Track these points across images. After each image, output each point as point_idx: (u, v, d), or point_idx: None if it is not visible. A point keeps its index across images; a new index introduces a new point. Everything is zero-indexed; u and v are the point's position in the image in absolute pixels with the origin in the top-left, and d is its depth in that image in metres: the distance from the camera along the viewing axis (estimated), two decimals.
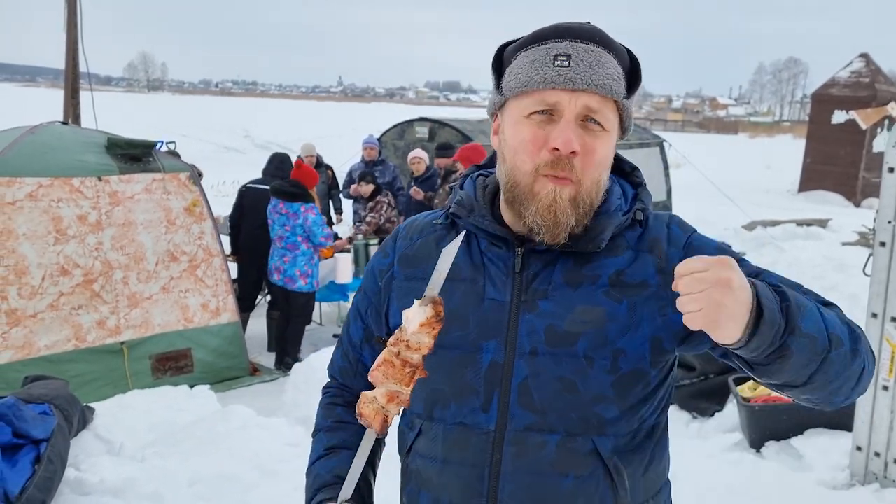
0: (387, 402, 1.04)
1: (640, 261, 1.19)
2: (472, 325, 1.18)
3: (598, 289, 1.16)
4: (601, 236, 1.18)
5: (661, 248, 1.20)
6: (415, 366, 1.03)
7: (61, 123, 5.86)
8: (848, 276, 7.46)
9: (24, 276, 4.65)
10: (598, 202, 1.19)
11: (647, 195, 1.28)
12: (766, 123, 69.77)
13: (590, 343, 1.14)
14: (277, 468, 3.62)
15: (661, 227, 1.23)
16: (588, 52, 1.12)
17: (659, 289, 1.17)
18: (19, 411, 3.22)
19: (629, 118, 1.20)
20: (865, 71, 18.12)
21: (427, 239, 1.30)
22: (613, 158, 1.26)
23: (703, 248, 1.20)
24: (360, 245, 6.89)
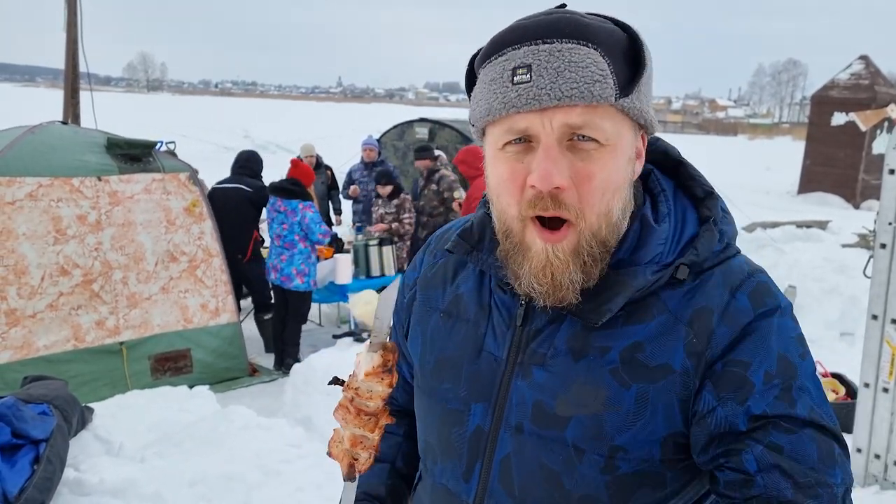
0: (351, 446, 0.95)
1: (671, 333, 0.91)
2: (464, 381, 1.02)
3: (605, 365, 0.92)
4: (608, 304, 0.92)
5: (705, 323, 0.90)
6: (373, 413, 0.93)
7: (61, 123, 5.86)
8: (848, 278, 7.46)
9: (24, 276, 4.64)
10: (615, 238, 0.93)
11: (709, 239, 0.95)
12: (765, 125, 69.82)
13: (581, 432, 0.92)
14: (279, 468, 3.61)
15: (721, 293, 0.92)
16: (552, 54, 0.86)
17: (686, 377, 0.90)
18: (18, 411, 3.21)
19: (643, 116, 0.92)
20: (865, 73, 18.14)
21: (447, 264, 1.12)
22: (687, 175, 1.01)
23: (765, 345, 0.89)
24: (359, 246, 6.88)
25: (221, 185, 6.28)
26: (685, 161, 1.03)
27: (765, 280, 0.95)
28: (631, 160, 0.93)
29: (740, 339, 0.90)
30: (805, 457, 0.86)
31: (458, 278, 1.09)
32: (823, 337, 6.33)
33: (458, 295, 1.08)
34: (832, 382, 4.72)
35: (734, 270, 0.94)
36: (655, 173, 1.01)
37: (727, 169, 22.60)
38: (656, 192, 0.99)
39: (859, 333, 5.89)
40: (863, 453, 3.83)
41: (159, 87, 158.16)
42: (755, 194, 18.51)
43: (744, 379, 0.88)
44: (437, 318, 1.08)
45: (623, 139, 0.91)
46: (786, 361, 0.89)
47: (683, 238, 0.95)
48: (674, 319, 0.92)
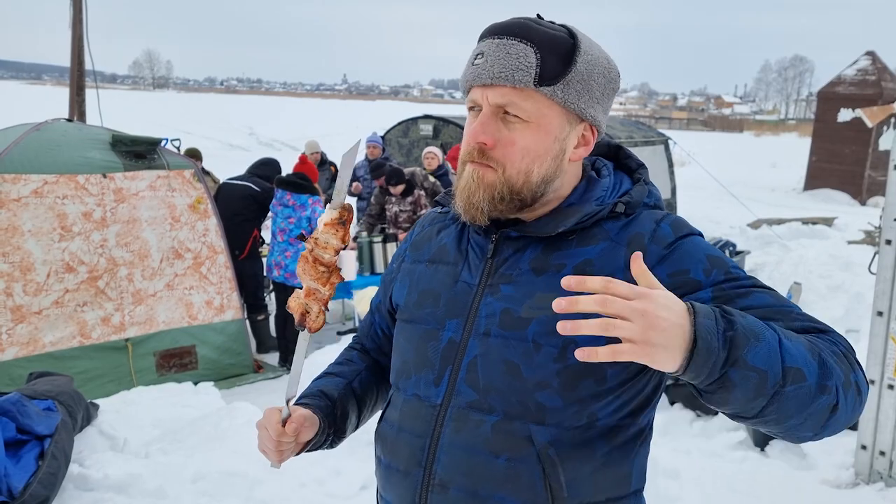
0: (305, 296, 1.14)
1: (613, 253, 1.16)
2: (442, 304, 1.24)
3: (560, 277, 1.09)
4: (562, 222, 1.18)
5: (640, 244, 1.15)
6: (327, 265, 1.10)
7: (66, 120, 5.88)
8: (853, 275, 7.43)
9: (30, 273, 4.66)
10: (536, 192, 1.18)
11: (641, 191, 1.24)
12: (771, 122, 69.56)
13: (540, 328, 1.14)
14: (283, 465, 3.62)
15: (650, 223, 1.18)
16: (500, 46, 1.14)
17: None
18: (24, 407, 3.22)
19: (574, 106, 1.16)
20: (871, 69, 18.04)
21: (434, 227, 1.37)
22: (624, 155, 1.31)
23: (693, 252, 1.15)
24: (364, 243, 6.88)
25: (232, 180, 6.32)
26: (621, 146, 1.33)
27: (682, 218, 1.22)
28: (558, 140, 1.17)
29: (668, 255, 1.15)
30: (763, 302, 1.09)
31: (441, 234, 1.34)
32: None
33: (442, 245, 1.32)
34: None
35: (656, 214, 1.21)
36: (600, 159, 1.32)
37: (733, 165, 22.51)
38: (599, 167, 1.30)
39: (865, 330, 5.87)
40: (867, 450, 3.82)
41: (165, 84, 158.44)
42: (761, 191, 18.45)
43: (690, 280, 1.12)
44: (423, 266, 1.32)
45: (546, 120, 1.15)
46: (714, 258, 1.15)
47: (621, 190, 1.25)
48: (614, 244, 1.17)
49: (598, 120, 1.21)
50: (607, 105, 1.22)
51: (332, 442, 1.36)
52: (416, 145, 9.11)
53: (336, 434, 1.36)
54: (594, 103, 1.19)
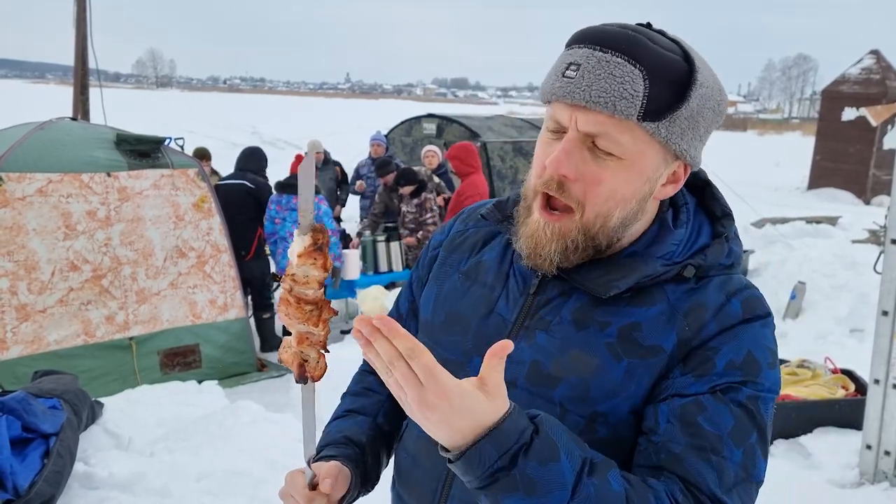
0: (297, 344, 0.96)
1: (668, 321, 1.00)
2: (471, 336, 1.11)
3: (602, 337, 1.01)
4: (615, 282, 1.01)
5: (700, 318, 1.00)
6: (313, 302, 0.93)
7: (71, 119, 5.88)
8: (858, 274, 7.41)
9: (34, 272, 4.67)
10: (612, 238, 1.03)
11: (718, 251, 1.05)
12: (775, 120, 69.43)
13: (569, 392, 1.01)
14: (287, 463, 3.62)
15: (718, 296, 1.01)
16: (602, 61, 0.95)
17: (671, 358, 0.99)
18: (29, 405, 3.23)
19: (676, 145, 0.99)
20: (876, 67, 17.99)
21: (478, 232, 1.22)
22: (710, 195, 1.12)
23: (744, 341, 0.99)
24: (367, 241, 6.88)
25: (225, 181, 6.26)
26: (711, 183, 1.14)
27: (758, 295, 1.05)
28: (649, 181, 1.01)
29: (721, 334, 0.99)
30: (718, 424, 0.95)
31: (484, 248, 1.19)
32: (833, 333, 6.29)
33: (481, 261, 1.17)
34: (842, 379, 4.69)
35: (733, 281, 1.05)
36: (682, 190, 1.11)
37: (737, 164, 22.46)
38: (679, 204, 1.11)
39: (869, 330, 5.85)
40: (872, 450, 3.81)
41: (168, 83, 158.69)
42: (764, 190, 18.41)
43: (708, 360, 0.98)
44: (455, 278, 1.18)
45: (643, 158, 0.99)
46: (752, 359, 0.99)
47: (696, 245, 1.06)
48: (672, 310, 1.01)
49: (697, 158, 1.04)
50: (707, 138, 1.05)
51: (367, 491, 1.23)
52: (419, 144, 9.10)
53: (370, 483, 1.23)
54: (697, 141, 1.02)
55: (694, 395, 0.96)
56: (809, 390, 4.48)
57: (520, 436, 0.85)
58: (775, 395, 1.02)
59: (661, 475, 0.94)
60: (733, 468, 0.94)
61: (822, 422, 4.30)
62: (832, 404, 4.37)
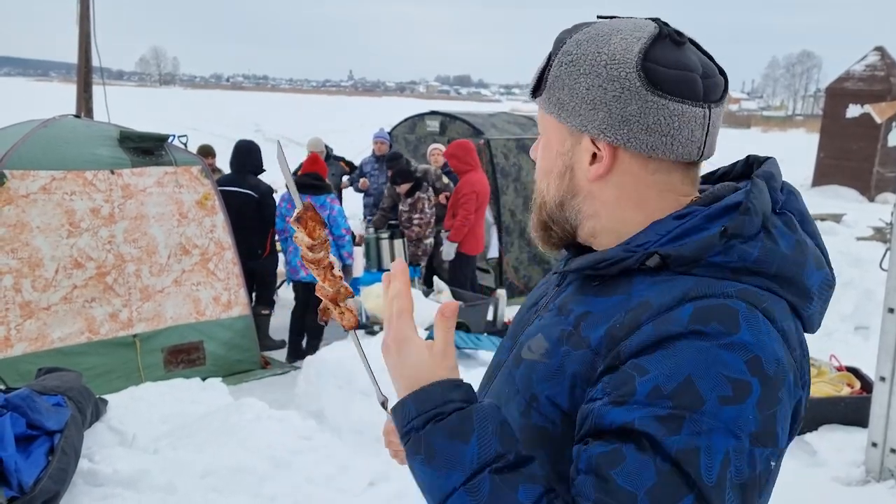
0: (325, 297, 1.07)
1: (615, 310, 0.90)
2: (514, 324, 1.14)
3: (563, 324, 0.96)
4: (570, 264, 1.00)
5: (637, 315, 0.86)
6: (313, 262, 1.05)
7: (74, 117, 5.89)
8: (863, 272, 7.39)
9: (38, 269, 4.67)
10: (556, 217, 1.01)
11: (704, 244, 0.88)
12: (778, 118, 69.26)
13: (523, 374, 0.98)
14: (291, 460, 3.63)
15: (672, 295, 0.86)
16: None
17: (595, 356, 0.88)
18: (33, 403, 3.23)
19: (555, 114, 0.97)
20: (880, 64, 17.93)
21: None
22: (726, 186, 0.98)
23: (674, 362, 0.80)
24: (371, 239, 6.88)
25: (226, 186, 5.97)
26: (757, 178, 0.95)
27: (736, 309, 0.83)
28: (560, 155, 0.99)
29: (655, 346, 0.82)
30: (636, 481, 0.77)
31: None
32: (838, 330, 6.29)
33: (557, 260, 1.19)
34: (847, 376, 4.68)
35: (713, 284, 0.86)
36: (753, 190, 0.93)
37: None
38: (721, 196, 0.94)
39: (874, 327, 5.84)
40: (878, 448, 3.80)
41: (171, 81, 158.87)
42: None
43: (630, 382, 0.82)
44: (543, 280, 1.21)
45: (548, 133, 1.01)
46: (692, 390, 0.78)
47: (685, 238, 0.90)
48: (626, 301, 0.90)
49: (600, 130, 0.93)
50: (621, 111, 0.91)
51: None
52: (422, 141, 9.08)
53: None
54: (586, 110, 0.93)
55: (612, 432, 0.81)
56: (815, 388, 4.47)
57: (441, 405, 0.85)
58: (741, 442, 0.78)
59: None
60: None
61: (828, 419, 4.29)
62: (837, 402, 4.36)
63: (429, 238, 7.11)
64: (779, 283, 0.88)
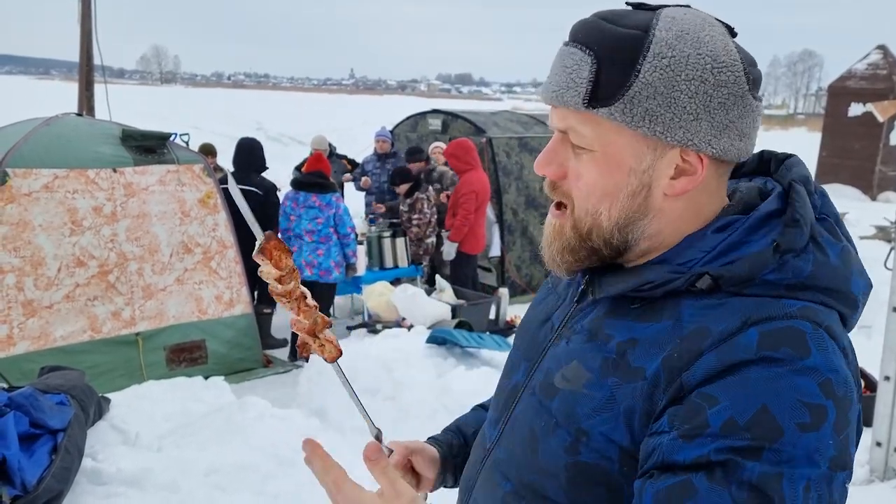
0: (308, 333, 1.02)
1: (665, 340, 0.84)
2: (528, 340, 1.08)
3: (602, 352, 0.90)
4: (607, 287, 0.93)
5: (695, 343, 0.81)
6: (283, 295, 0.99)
7: (76, 115, 5.88)
8: (866, 270, 7.38)
9: (41, 267, 4.67)
10: (611, 239, 0.92)
11: (759, 262, 0.83)
12: (780, 116, 69.23)
13: (562, 406, 0.91)
14: (294, 458, 3.62)
15: (732, 319, 0.81)
16: (562, 55, 0.90)
17: (654, 389, 0.82)
18: (37, 401, 3.23)
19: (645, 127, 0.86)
20: (883, 63, 17.90)
21: None
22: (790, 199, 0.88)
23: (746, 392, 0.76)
24: (373, 237, 6.88)
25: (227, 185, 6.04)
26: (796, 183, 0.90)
27: (804, 331, 0.79)
28: (635, 172, 0.88)
29: (722, 374, 0.77)
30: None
31: None
32: None
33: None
34: None
35: (773, 305, 0.81)
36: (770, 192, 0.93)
37: None
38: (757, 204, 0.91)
39: (877, 326, 5.82)
40: (883, 447, 3.79)
41: (172, 79, 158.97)
42: None
43: (701, 413, 0.77)
44: (546, 289, 1.15)
45: (614, 149, 0.88)
46: (768, 419, 0.74)
47: (734, 254, 0.85)
48: (678, 329, 0.84)
49: (707, 142, 0.86)
50: (724, 117, 0.86)
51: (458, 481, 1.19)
52: (424, 140, 9.07)
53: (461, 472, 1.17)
54: (691, 122, 0.85)
55: (684, 467, 0.76)
56: None
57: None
58: (821, 469, 0.74)
59: None
60: None
61: None
62: None
63: (430, 237, 7.11)
64: (831, 296, 0.85)
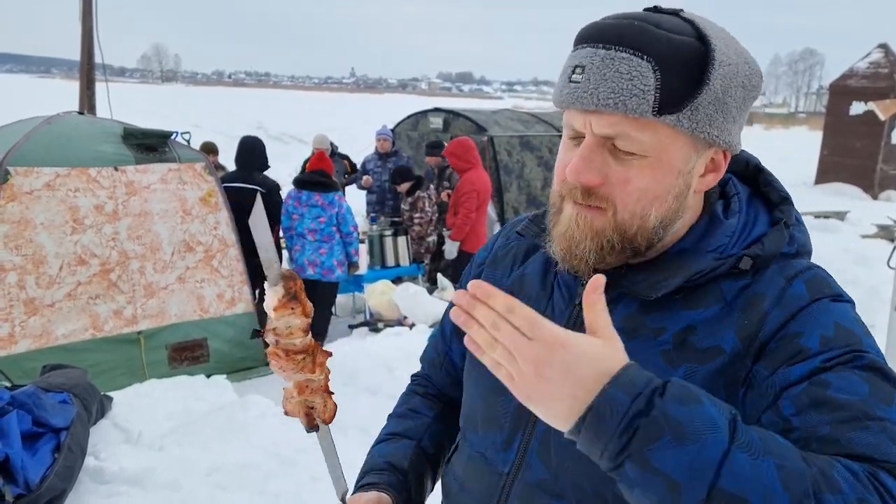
0: (298, 393, 0.91)
1: (723, 321, 0.91)
2: None
3: (657, 345, 0.93)
4: (665, 282, 0.94)
5: (759, 309, 0.90)
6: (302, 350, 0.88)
7: (77, 114, 5.88)
8: (868, 269, 7.38)
9: (42, 266, 4.67)
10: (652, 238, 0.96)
11: (777, 238, 0.96)
12: (781, 115, 69.17)
13: None
14: (296, 457, 3.63)
15: (778, 280, 0.92)
16: (605, 60, 0.89)
17: (735, 359, 0.89)
18: (39, 400, 3.23)
19: (705, 133, 0.91)
20: (884, 61, 17.89)
21: (520, 245, 1.17)
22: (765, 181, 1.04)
23: (820, 316, 0.88)
24: (374, 236, 6.88)
25: (231, 184, 5.96)
26: (765, 169, 1.07)
27: (825, 276, 0.95)
28: (682, 174, 0.94)
29: (792, 318, 0.89)
30: (852, 391, 0.81)
31: (527, 261, 1.15)
32: None
33: (524, 275, 1.13)
34: None
35: (793, 265, 0.95)
36: (733, 180, 1.05)
37: None
38: (730, 195, 1.03)
39: (879, 325, 5.82)
40: None
41: (173, 77, 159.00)
42: None
43: (798, 346, 0.87)
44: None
45: (669, 153, 0.91)
46: (845, 331, 0.88)
47: (751, 235, 0.98)
48: (728, 307, 0.92)
49: (734, 141, 0.96)
50: (744, 118, 0.97)
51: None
52: (426, 138, 9.07)
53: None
54: (731, 124, 0.94)
55: (806, 377, 0.84)
56: None
57: (648, 381, 0.76)
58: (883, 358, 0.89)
59: None
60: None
61: None
62: None
63: (431, 236, 7.12)
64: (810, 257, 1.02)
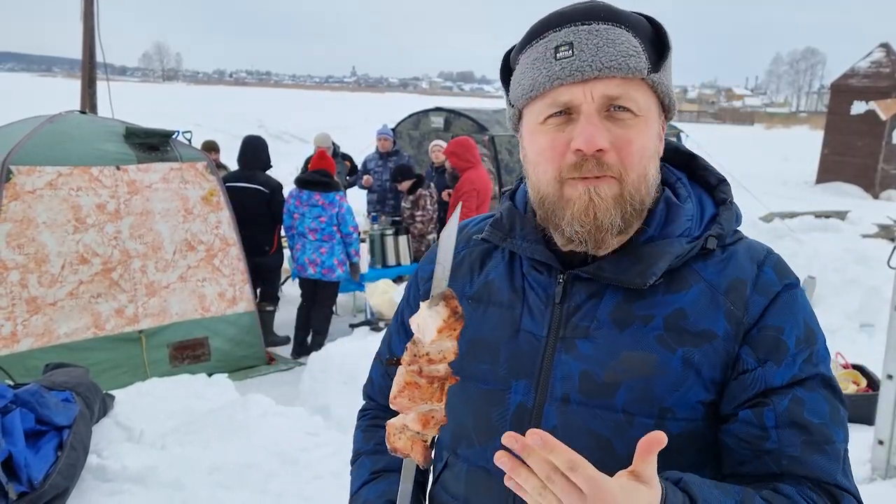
0: (422, 427, 0.86)
1: (710, 301, 0.99)
2: (503, 360, 1.05)
3: (649, 332, 0.98)
4: (652, 269, 0.99)
5: (741, 294, 0.99)
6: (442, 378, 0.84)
7: (79, 113, 5.88)
8: (869, 269, 7.38)
9: (44, 265, 4.68)
10: (650, 200, 1.02)
11: (729, 216, 1.05)
12: (782, 114, 69.11)
13: (631, 395, 0.97)
14: (297, 456, 3.64)
15: (749, 266, 1.02)
16: (591, 33, 0.95)
17: (727, 342, 0.98)
18: (42, 398, 3.24)
19: (667, 95, 1.02)
20: (886, 61, 17.88)
21: (473, 252, 1.16)
22: (700, 166, 1.12)
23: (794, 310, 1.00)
24: (375, 235, 6.88)
25: (234, 183, 5.96)
26: (696, 154, 1.14)
27: (780, 257, 1.07)
28: (659, 135, 1.03)
29: (770, 307, 0.99)
30: (820, 413, 0.97)
31: (486, 267, 1.13)
32: (843, 328, 6.26)
33: (489, 281, 1.11)
34: (853, 374, 4.67)
35: (754, 247, 1.06)
36: (668, 167, 1.11)
37: (744, 158, 22.39)
38: (672, 181, 1.09)
39: (879, 325, 5.83)
40: (885, 445, 3.79)
41: (174, 76, 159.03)
42: (772, 184, 18.34)
43: (779, 342, 0.98)
44: (464, 305, 1.08)
45: (651, 113, 1.00)
46: (809, 329, 1.01)
47: (706, 216, 1.06)
48: (711, 289, 1.00)
49: (674, 106, 1.06)
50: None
51: None
52: (427, 137, 9.08)
53: None
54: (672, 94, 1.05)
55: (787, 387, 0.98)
56: None
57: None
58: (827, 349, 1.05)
59: (785, 480, 0.97)
60: (842, 448, 0.99)
61: None
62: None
63: (431, 234, 7.12)
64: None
